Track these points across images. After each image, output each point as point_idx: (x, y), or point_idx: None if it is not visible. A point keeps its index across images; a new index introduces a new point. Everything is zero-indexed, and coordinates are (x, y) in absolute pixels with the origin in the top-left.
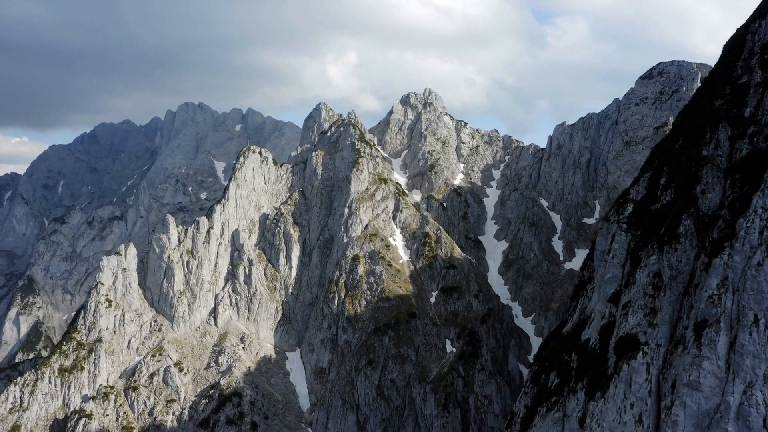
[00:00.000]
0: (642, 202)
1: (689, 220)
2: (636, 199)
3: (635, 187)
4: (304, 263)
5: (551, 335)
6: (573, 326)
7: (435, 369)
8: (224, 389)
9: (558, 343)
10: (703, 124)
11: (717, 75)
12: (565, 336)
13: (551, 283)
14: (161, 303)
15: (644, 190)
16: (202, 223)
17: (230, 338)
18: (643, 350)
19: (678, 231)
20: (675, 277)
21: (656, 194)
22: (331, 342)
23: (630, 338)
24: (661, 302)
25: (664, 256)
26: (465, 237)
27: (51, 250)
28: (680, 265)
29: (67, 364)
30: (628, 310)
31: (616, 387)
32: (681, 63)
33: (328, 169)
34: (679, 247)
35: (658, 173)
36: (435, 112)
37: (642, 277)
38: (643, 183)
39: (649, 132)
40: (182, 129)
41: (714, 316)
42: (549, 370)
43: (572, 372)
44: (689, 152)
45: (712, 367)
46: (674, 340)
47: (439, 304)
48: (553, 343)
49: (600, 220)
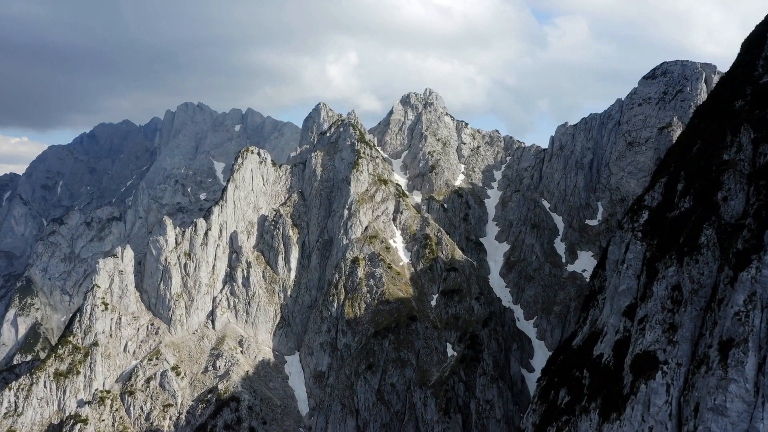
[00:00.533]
0: (658, 209)
1: (711, 230)
2: (651, 206)
3: (650, 193)
4: (303, 265)
5: (560, 347)
6: (584, 339)
7: (436, 373)
8: (222, 394)
9: (568, 356)
10: (723, 126)
11: (735, 74)
12: (576, 350)
13: (553, 285)
14: (158, 306)
15: (660, 196)
16: (199, 225)
17: (228, 342)
18: (662, 369)
19: (699, 241)
20: (696, 290)
21: (673, 201)
22: (331, 345)
23: (648, 356)
24: (682, 318)
25: (684, 268)
26: (466, 239)
27: (49, 250)
28: (702, 278)
29: (63, 368)
30: (645, 325)
31: (633, 409)
32: (685, 63)
33: (327, 170)
34: (700, 259)
35: (674, 178)
36: (435, 113)
37: (660, 289)
38: (659, 188)
39: (652, 133)
40: (181, 129)
41: (741, 334)
42: (558, 386)
43: (584, 389)
44: (708, 156)
45: (740, 390)
46: (696, 359)
47: (439, 307)
48: (562, 357)
49: (602, 222)
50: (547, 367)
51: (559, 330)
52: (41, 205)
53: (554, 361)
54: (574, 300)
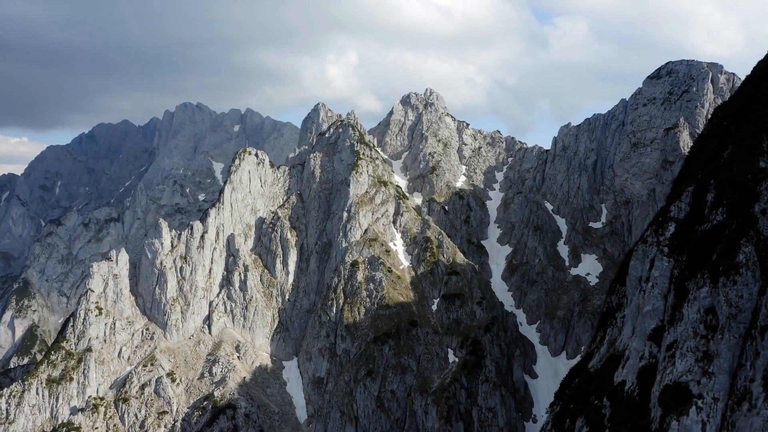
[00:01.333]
0: (686, 222)
1: (750, 246)
2: (678, 218)
3: (677, 204)
4: (301, 269)
5: (575, 370)
6: (602, 362)
7: (437, 380)
8: (218, 401)
9: (584, 381)
10: (758, 130)
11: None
12: (593, 373)
13: (557, 289)
14: (153, 310)
15: (688, 207)
16: (196, 228)
17: (225, 347)
18: (696, 404)
19: (737, 259)
20: (734, 315)
21: (703, 212)
22: (329, 351)
23: (679, 388)
24: (717, 346)
25: (720, 289)
26: (467, 241)
27: (47, 252)
28: (741, 302)
29: (56, 374)
30: (674, 353)
31: None
32: (690, 62)
33: (326, 171)
34: (738, 279)
35: (703, 187)
36: (436, 113)
37: (691, 312)
38: (686, 198)
39: (658, 134)
40: (180, 129)
41: None
42: (574, 415)
43: (605, 420)
44: (742, 163)
45: None
46: (735, 393)
47: (440, 312)
48: (578, 381)
49: (606, 224)
50: (561, 390)
51: (562, 335)
52: (39, 206)
53: (569, 385)
54: (577, 304)
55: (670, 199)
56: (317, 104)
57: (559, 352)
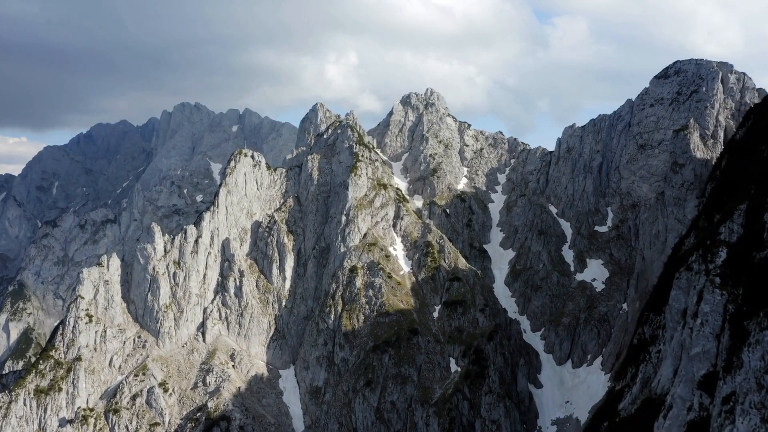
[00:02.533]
0: (740, 246)
1: None
2: (730, 241)
3: (727, 224)
4: (298, 274)
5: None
6: (635, 405)
7: (438, 390)
8: (212, 412)
9: (616, 427)
10: None
11: None
12: (626, 419)
13: (562, 295)
14: (146, 317)
15: (741, 229)
16: (189, 232)
17: (219, 355)
18: None
19: None
20: None
21: (761, 235)
22: (327, 359)
23: None
24: None
25: None
26: (469, 246)
27: (42, 254)
28: None
29: (44, 384)
30: (733, 407)
31: None
32: (699, 61)
33: (324, 173)
34: None
35: (759, 205)
36: (437, 113)
37: (753, 359)
38: (738, 219)
39: (665, 135)
40: (178, 130)
41: None
42: None
43: None
44: None
45: None
46: None
47: (442, 320)
48: (607, 424)
49: (612, 228)
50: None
51: (568, 343)
52: (36, 207)
53: (596, 429)
54: (583, 311)
55: (722, 219)
56: (315, 105)
57: (565, 360)
